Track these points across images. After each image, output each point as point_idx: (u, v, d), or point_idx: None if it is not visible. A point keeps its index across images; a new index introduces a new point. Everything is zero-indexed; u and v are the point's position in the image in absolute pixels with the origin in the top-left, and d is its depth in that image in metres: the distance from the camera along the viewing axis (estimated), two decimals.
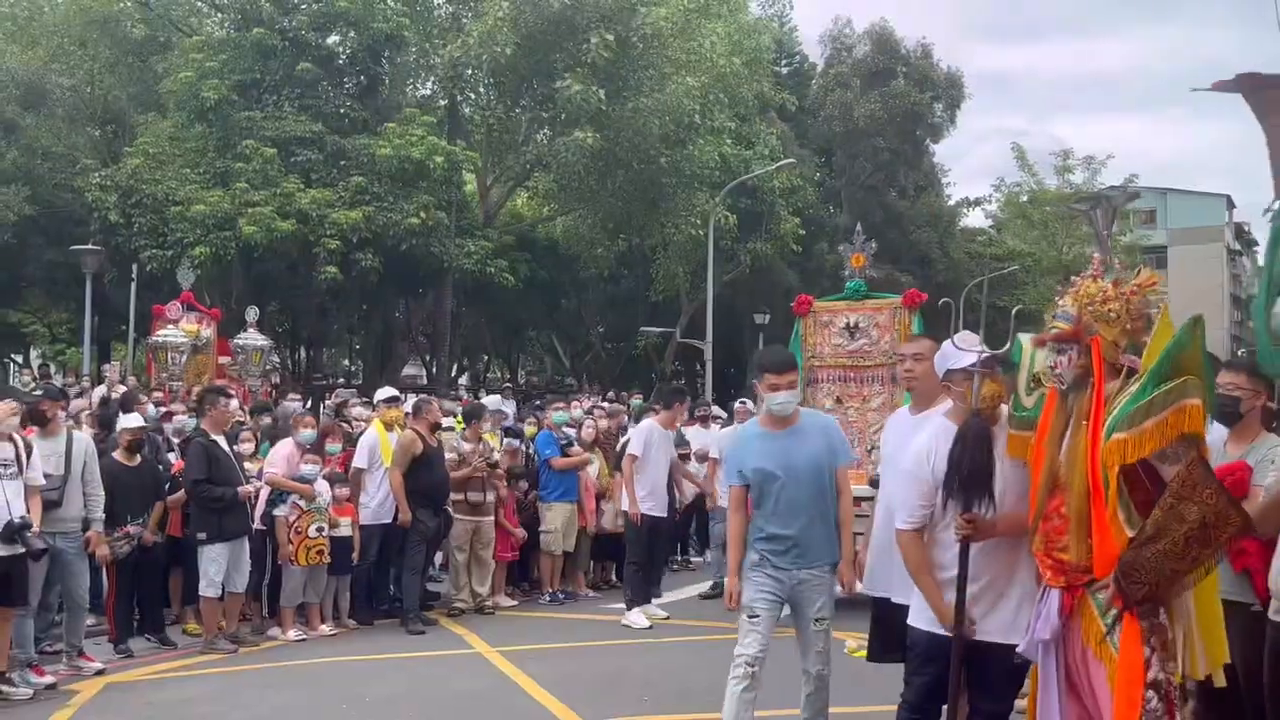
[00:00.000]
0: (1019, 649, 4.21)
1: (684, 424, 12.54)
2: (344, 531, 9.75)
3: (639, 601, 10.14)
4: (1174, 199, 64.56)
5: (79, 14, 28.04)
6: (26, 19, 28.83)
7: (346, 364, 42.07)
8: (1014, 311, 5.72)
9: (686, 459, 12.42)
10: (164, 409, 12.44)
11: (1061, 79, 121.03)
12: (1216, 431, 4.76)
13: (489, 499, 10.56)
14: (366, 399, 13.43)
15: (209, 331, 17.99)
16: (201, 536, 8.87)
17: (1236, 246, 74.02)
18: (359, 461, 10.13)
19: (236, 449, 9.46)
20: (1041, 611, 4.14)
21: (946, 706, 4.63)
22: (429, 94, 29.43)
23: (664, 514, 10.66)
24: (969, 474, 4.48)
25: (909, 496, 4.70)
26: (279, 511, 9.40)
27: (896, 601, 5.15)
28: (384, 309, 28.70)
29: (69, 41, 28.28)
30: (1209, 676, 4.01)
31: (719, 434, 12.11)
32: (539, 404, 15.91)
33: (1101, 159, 48.12)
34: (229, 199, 21.75)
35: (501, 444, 11.40)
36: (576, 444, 11.62)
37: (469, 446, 10.70)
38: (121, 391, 13.56)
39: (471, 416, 11.21)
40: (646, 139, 25.51)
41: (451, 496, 10.36)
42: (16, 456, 7.47)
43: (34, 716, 7.02)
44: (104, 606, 9.16)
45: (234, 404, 10.70)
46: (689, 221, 28.15)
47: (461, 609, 10.41)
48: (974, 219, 47.58)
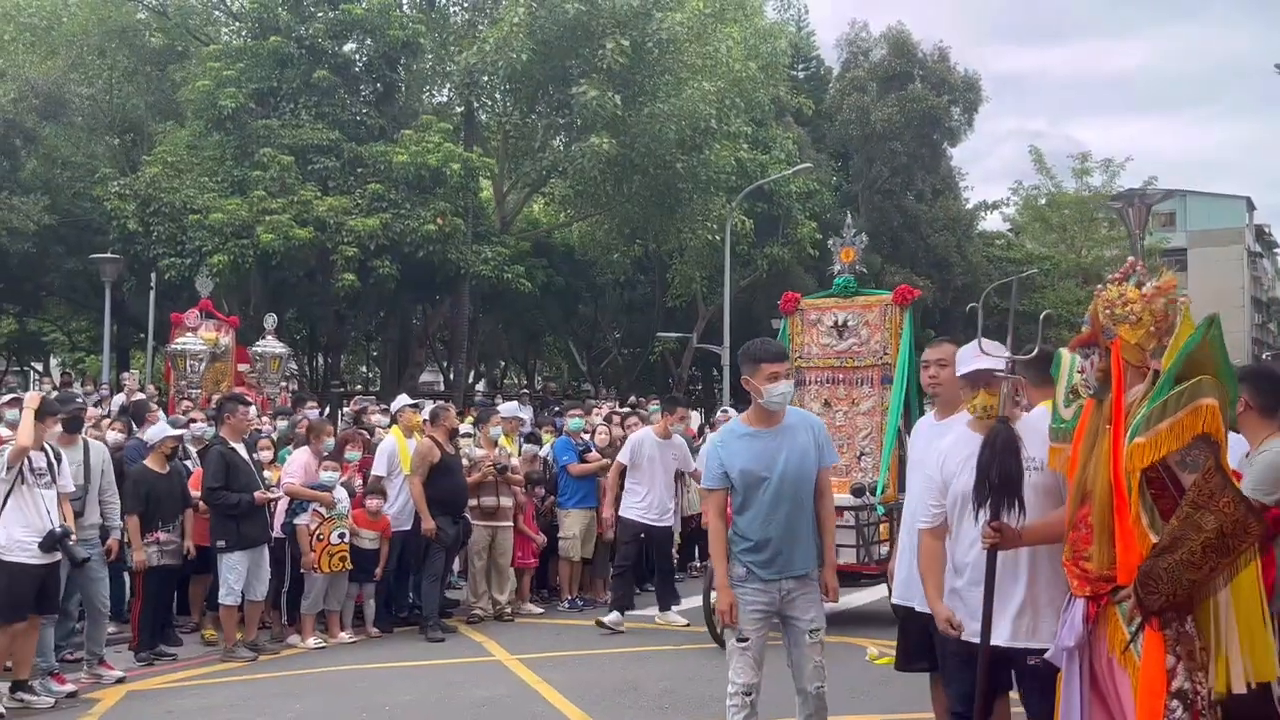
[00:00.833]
0: (1046, 656, 4.16)
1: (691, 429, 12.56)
2: (367, 544, 9.76)
3: (620, 605, 10.11)
4: (1194, 201, 64.23)
5: (98, 24, 28.22)
6: (45, 29, 28.99)
7: (364, 371, 42.20)
8: (1042, 316, 5.64)
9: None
10: (188, 417, 12.47)
11: (1079, 81, 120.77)
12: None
13: (503, 504, 10.53)
14: (384, 406, 13.44)
15: (227, 339, 18.06)
16: (221, 544, 8.89)
17: (1257, 248, 73.69)
18: (378, 469, 10.14)
19: (255, 456, 9.48)
20: (1067, 619, 4.10)
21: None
22: (445, 101, 29.51)
23: (664, 522, 10.51)
24: (998, 481, 4.43)
25: (925, 496, 4.73)
26: (300, 520, 9.42)
27: (920, 610, 5.09)
28: (401, 316, 28.74)
29: (88, 51, 28.44)
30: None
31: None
32: (556, 410, 15.90)
33: (1120, 161, 47.99)
34: (247, 207, 21.82)
35: (520, 450, 11.39)
36: (594, 449, 11.63)
37: (480, 452, 10.70)
38: (127, 401, 13.61)
39: (479, 420, 11.29)
40: (662, 144, 25.50)
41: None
42: (49, 465, 7.50)
43: None
44: (125, 614, 9.19)
45: (252, 411, 10.73)
46: (705, 226, 28.13)
47: (480, 616, 10.40)
48: (992, 222, 47.51)
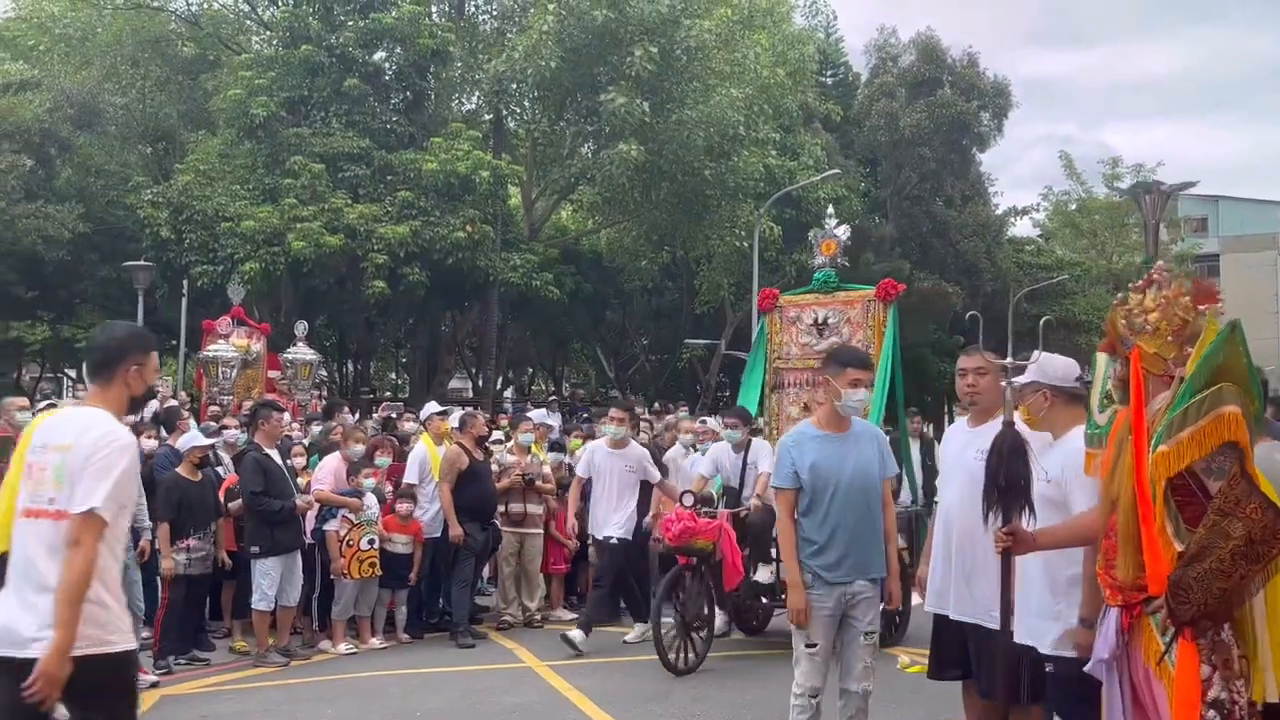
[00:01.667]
0: (1086, 669, 4.14)
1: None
2: (400, 548, 9.81)
3: (584, 621, 9.48)
4: (1225, 206, 63.60)
5: (131, 34, 28.51)
6: (80, 39, 29.31)
7: (393, 377, 42.38)
8: (1042, 322, 5.67)
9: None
10: (219, 424, 12.57)
11: (1110, 85, 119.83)
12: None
13: (531, 511, 10.55)
14: (413, 412, 13.50)
15: (259, 346, 18.17)
16: (255, 550, 8.95)
17: None
18: (410, 476, 10.18)
19: (289, 463, 9.55)
20: (1102, 631, 4.08)
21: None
22: (474, 109, 29.61)
23: (618, 534, 9.89)
24: (1006, 485, 4.46)
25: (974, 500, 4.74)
26: (330, 526, 9.48)
27: (955, 618, 5.09)
28: (430, 323, 28.86)
29: (121, 61, 28.74)
30: None
31: (715, 449, 10.06)
32: (585, 416, 15.93)
33: (1151, 166, 47.59)
34: (278, 215, 21.97)
35: (546, 457, 11.42)
36: None
37: (512, 458, 10.74)
38: (160, 408, 13.70)
39: (512, 426, 11.39)
40: (690, 151, 25.51)
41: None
42: None
43: None
44: (154, 620, 9.27)
45: (285, 418, 10.81)
46: (733, 233, 28.12)
47: (510, 623, 10.42)
48: (1022, 228, 47.24)
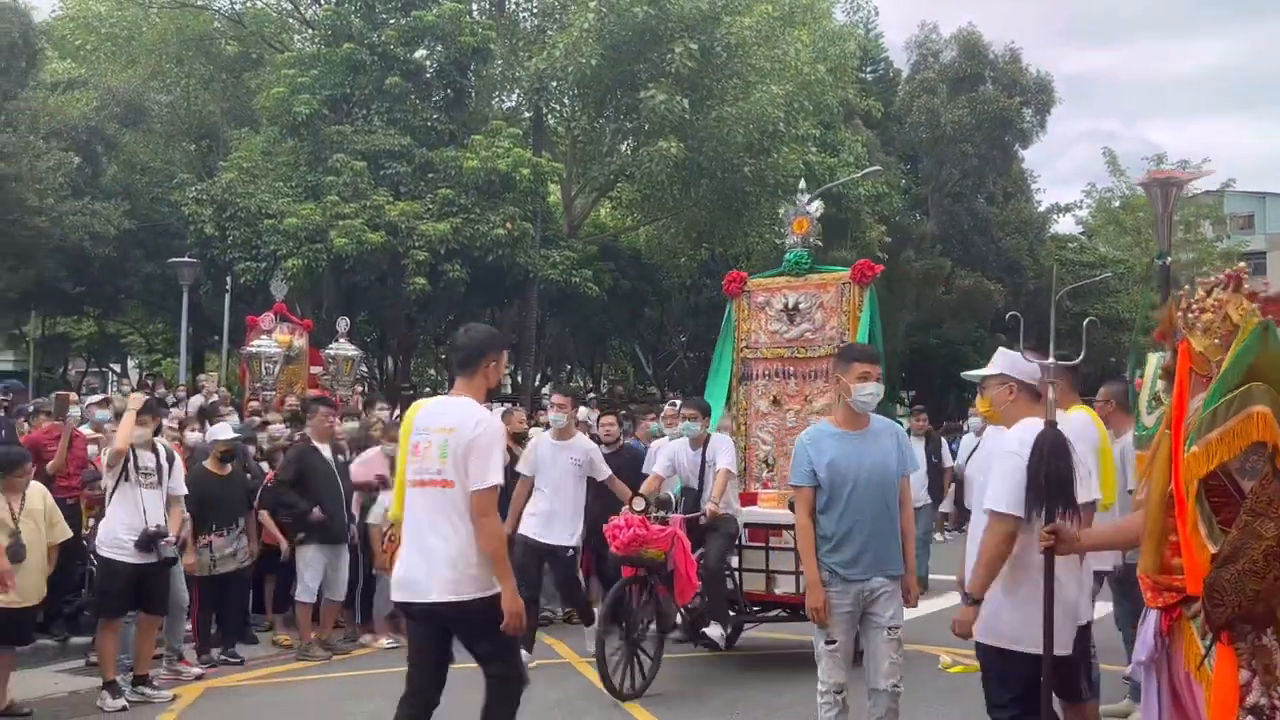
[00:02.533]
0: (1126, 673, 4.12)
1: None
2: None
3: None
4: (1273, 203, 62.72)
5: (176, 33, 28.85)
6: (126, 38, 29.68)
7: (432, 373, 42.60)
8: (1085, 323, 5.66)
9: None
10: (259, 418, 12.70)
11: (1154, 81, 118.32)
12: None
13: None
14: None
15: (301, 342, 18.33)
16: (300, 536, 9.00)
17: None
18: None
19: (340, 459, 9.55)
20: (1141, 634, 4.07)
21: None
22: (514, 106, 29.71)
23: (557, 539, 8.64)
24: (1047, 484, 4.47)
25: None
26: (371, 520, 9.54)
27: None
28: (470, 319, 28.92)
29: (166, 60, 29.09)
30: None
31: (672, 446, 9.16)
32: (625, 414, 15.94)
33: (1196, 163, 46.93)
34: (320, 212, 22.13)
35: None
36: None
37: None
38: (205, 403, 13.87)
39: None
40: (730, 148, 25.47)
41: None
42: (158, 465, 7.69)
43: None
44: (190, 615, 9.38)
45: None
46: (772, 230, 28.05)
47: (550, 619, 10.45)
48: (1065, 225, 46.79)
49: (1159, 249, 9.16)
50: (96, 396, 12.19)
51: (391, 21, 24.93)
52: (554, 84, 26.38)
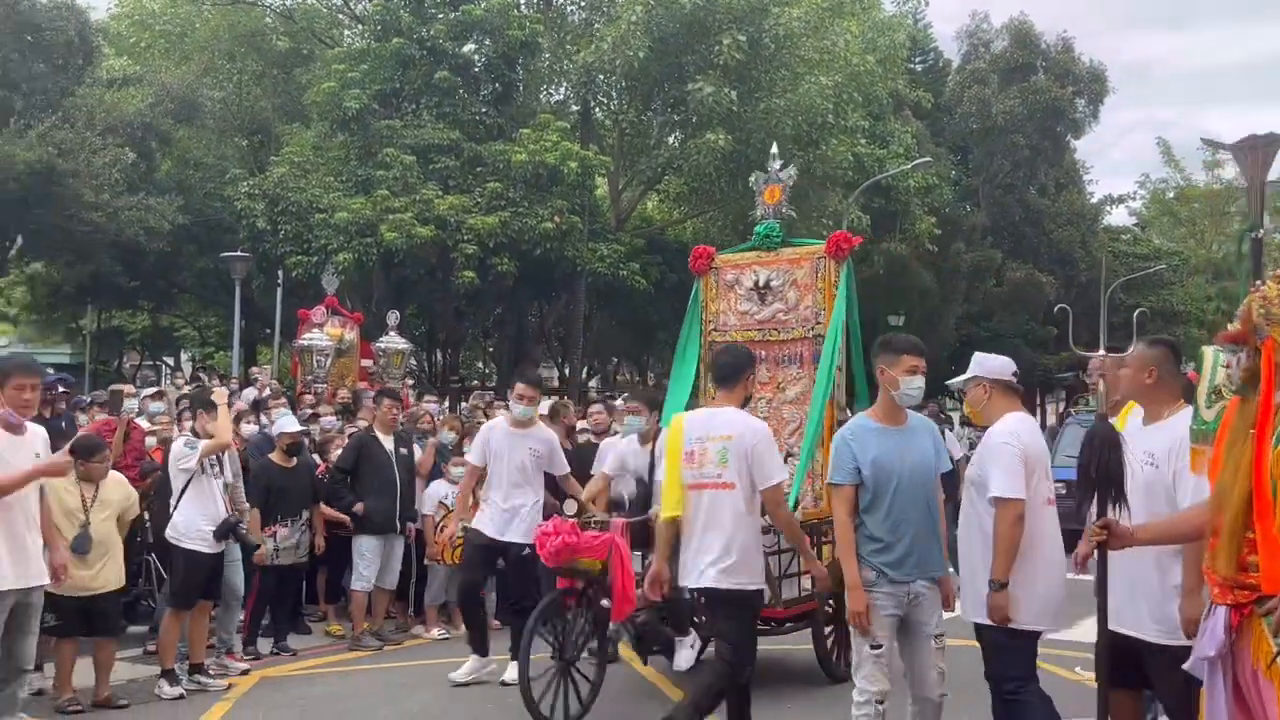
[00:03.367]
0: (1185, 666, 4.05)
1: None
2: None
3: (476, 648, 7.96)
4: None
5: (228, 29, 29.16)
6: (179, 35, 30.02)
7: (480, 366, 42.82)
8: (1136, 314, 5.56)
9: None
10: (310, 411, 12.80)
11: (1210, 68, 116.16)
12: None
13: None
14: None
15: (352, 335, 18.44)
16: (359, 510, 9.05)
17: None
18: None
19: (402, 451, 9.57)
20: (1207, 628, 3.99)
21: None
22: (562, 99, 29.76)
23: (510, 535, 7.79)
24: (1099, 478, 4.39)
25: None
26: (425, 511, 9.60)
27: (1118, 630, 4.71)
28: (518, 312, 29.08)
29: (219, 56, 29.41)
30: None
31: (619, 444, 8.25)
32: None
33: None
34: (370, 206, 22.29)
35: None
36: None
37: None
38: (259, 395, 13.99)
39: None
40: (778, 139, 25.28)
41: None
42: (217, 457, 7.85)
43: (192, 711, 7.26)
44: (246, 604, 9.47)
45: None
46: (821, 223, 27.90)
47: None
48: (1118, 217, 46.29)
49: (1250, 221, 8.62)
50: (151, 389, 12.32)
51: (440, 16, 25.06)
52: (601, 77, 26.39)
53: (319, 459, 10.17)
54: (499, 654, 8.03)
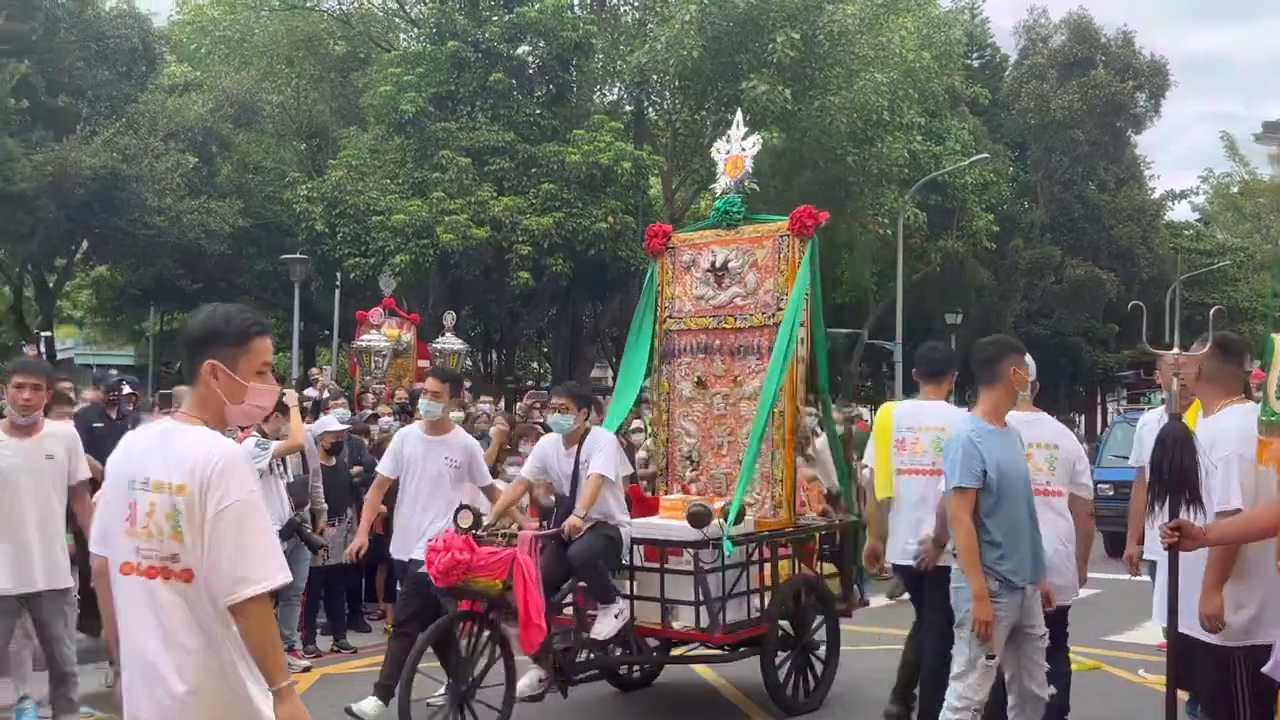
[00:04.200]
0: (1264, 669, 3.99)
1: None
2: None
3: (382, 685, 6.54)
4: None
5: (286, 34, 29.56)
6: (239, 41, 30.46)
7: (535, 367, 43.02)
8: (1212, 312, 5.46)
9: None
10: (370, 411, 12.92)
11: (1277, 60, 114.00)
12: None
13: None
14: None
15: (409, 336, 18.62)
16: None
17: None
18: None
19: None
20: None
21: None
22: (616, 100, 29.81)
23: (419, 553, 6.61)
24: (1170, 478, 4.34)
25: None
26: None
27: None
28: (572, 312, 29.20)
29: (277, 61, 29.82)
30: None
31: (541, 444, 7.23)
32: None
33: None
34: (427, 208, 22.47)
35: None
36: None
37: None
38: (319, 395, 14.14)
39: None
40: (833, 137, 25.23)
41: None
42: (284, 458, 8.03)
43: None
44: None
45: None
46: (877, 220, 27.74)
47: None
48: (1180, 212, 45.54)
49: None
50: None
51: (495, 18, 25.21)
52: (655, 77, 26.41)
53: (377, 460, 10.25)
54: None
